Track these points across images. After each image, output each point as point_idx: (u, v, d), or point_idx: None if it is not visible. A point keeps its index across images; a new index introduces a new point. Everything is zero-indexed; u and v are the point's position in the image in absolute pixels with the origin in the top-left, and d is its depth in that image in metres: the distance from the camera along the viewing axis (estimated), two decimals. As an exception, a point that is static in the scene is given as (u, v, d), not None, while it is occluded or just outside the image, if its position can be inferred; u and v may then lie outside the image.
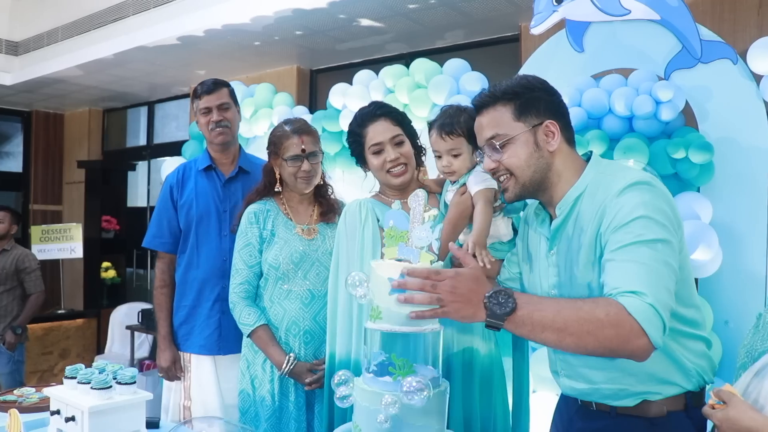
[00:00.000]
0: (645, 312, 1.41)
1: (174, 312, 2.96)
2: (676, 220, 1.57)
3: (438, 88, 3.58)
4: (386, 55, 5.43)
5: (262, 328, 2.50)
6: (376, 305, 1.54)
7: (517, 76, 1.75)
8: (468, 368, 2.09)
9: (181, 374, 2.92)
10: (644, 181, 1.57)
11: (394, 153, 2.18)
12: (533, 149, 1.68)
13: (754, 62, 2.93)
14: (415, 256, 1.56)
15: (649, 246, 1.48)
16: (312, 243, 2.56)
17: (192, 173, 2.99)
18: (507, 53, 4.90)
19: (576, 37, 3.34)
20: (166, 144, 7.34)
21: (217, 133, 2.91)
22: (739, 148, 3.02)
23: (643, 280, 1.45)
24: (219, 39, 5.13)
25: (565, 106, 1.75)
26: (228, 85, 3.01)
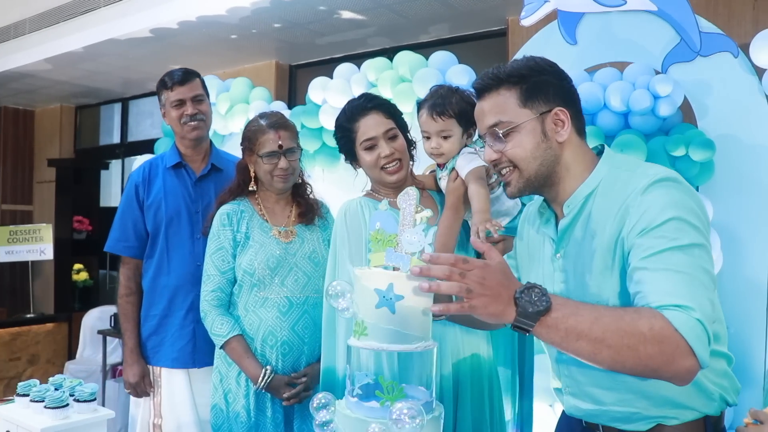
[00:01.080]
0: (693, 328, 1.24)
1: (142, 322, 2.75)
2: (707, 221, 1.39)
3: (423, 82, 3.40)
4: (368, 49, 5.26)
5: (235, 339, 2.33)
6: (361, 320, 1.35)
7: (523, 57, 1.57)
8: (477, 375, 1.97)
9: (151, 390, 2.71)
10: (670, 177, 1.40)
11: (388, 148, 2.04)
12: (540, 139, 1.51)
13: (757, 55, 2.78)
14: (405, 264, 1.37)
15: (686, 252, 1.31)
16: (290, 246, 2.39)
17: (159, 171, 2.78)
18: (493, 48, 4.76)
19: (568, 28, 3.19)
20: (140, 142, 7.12)
21: (192, 127, 2.71)
22: (741, 145, 2.88)
23: (686, 292, 1.28)
24: (194, 32, 4.93)
25: (576, 92, 1.57)
26: (199, 75, 2.81)
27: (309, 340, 2.35)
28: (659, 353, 1.24)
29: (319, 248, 2.44)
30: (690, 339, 1.24)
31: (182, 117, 2.70)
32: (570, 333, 1.27)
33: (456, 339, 1.97)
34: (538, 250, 1.67)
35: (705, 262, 1.33)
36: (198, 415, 2.66)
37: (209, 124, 2.82)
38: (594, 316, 1.29)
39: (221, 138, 4.40)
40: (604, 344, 1.26)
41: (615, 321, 1.27)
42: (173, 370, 2.69)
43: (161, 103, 2.78)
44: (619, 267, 1.42)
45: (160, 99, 2.78)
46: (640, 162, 1.55)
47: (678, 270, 1.30)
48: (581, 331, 1.27)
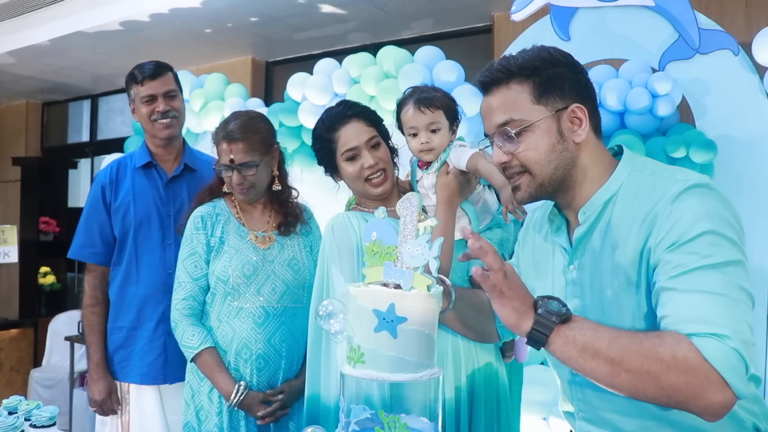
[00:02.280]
0: (729, 359, 1.11)
1: (108, 334, 2.55)
2: (742, 232, 1.24)
3: (409, 78, 3.25)
4: (348, 45, 5.09)
5: (207, 352, 2.16)
6: (357, 345, 1.18)
7: (534, 47, 1.40)
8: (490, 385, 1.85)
9: (118, 407, 2.52)
10: (703, 183, 1.25)
11: (371, 158, 1.91)
12: (556, 140, 1.35)
13: (759, 53, 2.68)
14: (407, 280, 1.20)
15: (721, 271, 1.17)
16: (267, 253, 2.22)
17: (128, 171, 2.58)
18: (478, 45, 4.63)
19: (561, 24, 3.06)
20: (110, 140, 6.83)
21: (164, 125, 2.51)
22: (740, 146, 2.79)
23: (721, 317, 1.14)
24: (166, 25, 4.72)
25: (592, 87, 1.42)
26: (172, 69, 2.61)
27: (287, 353, 2.19)
28: (685, 384, 1.13)
29: (300, 255, 2.27)
30: (723, 370, 1.11)
31: (153, 114, 2.51)
32: (586, 349, 1.18)
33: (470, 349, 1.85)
34: (546, 260, 1.52)
35: (742, 280, 1.18)
36: None
37: (182, 122, 2.64)
38: (614, 335, 1.19)
39: (195, 136, 4.22)
40: (623, 367, 1.16)
41: (635, 343, 1.16)
42: (143, 387, 2.51)
43: (130, 98, 2.58)
44: (645, 284, 1.28)
45: (130, 94, 2.58)
46: (665, 165, 1.40)
47: (712, 292, 1.16)
48: (598, 348, 1.17)
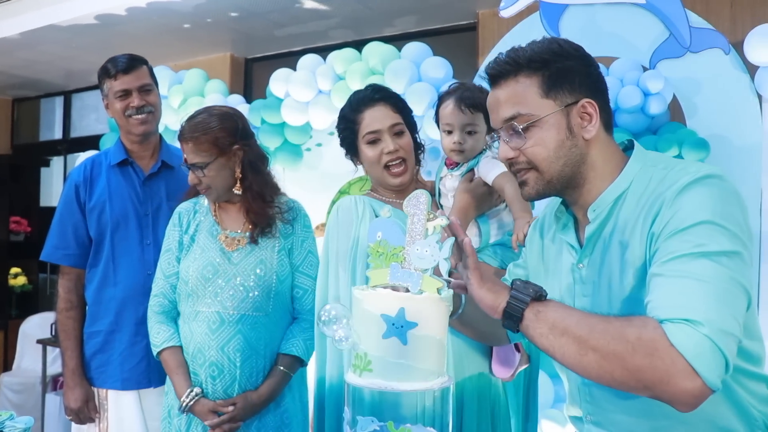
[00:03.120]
0: (698, 346, 1.07)
1: (85, 339, 2.45)
2: (747, 229, 1.19)
3: (396, 75, 3.19)
4: (330, 42, 5.00)
5: (168, 351, 2.10)
6: (364, 352, 1.10)
7: (544, 39, 1.35)
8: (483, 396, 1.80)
9: (96, 415, 2.42)
10: (715, 174, 1.20)
11: (393, 144, 1.87)
12: (565, 136, 1.31)
13: (752, 52, 2.66)
14: (416, 282, 1.13)
15: (712, 259, 1.12)
16: (233, 255, 2.11)
17: (103, 169, 2.48)
18: (462, 42, 4.58)
19: (551, 21, 3.02)
20: (84, 138, 6.70)
21: (139, 121, 2.42)
22: (731, 145, 2.76)
23: (699, 303, 1.09)
24: (143, 19, 4.60)
25: (604, 81, 1.36)
26: (147, 62, 2.51)
27: (242, 364, 2.07)
28: (650, 367, 1.09)
29: (270, 259, 2.14)
30: (690, 357, 1.07)
31: (127, 109, 2.41)
32: (556, 326, 1.18)
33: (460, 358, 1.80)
34: (555, 260, 1.47)
35: (734, 271, 1.13)
36: None
37: (158, 117, 2.54)
38: (585, 314, 1.20)
39: (173, 134, 4.09)
40: (589, 345, 1.14)
41: (603, 323, 1.16)
42: (122, 392, 2.41)
43: (103, 93, 2.48)
44: None
45: (102, 89, 2.48)
46: (679, 160, 1.35)
47: (696, 278, 1.12)
48: (567, 325, 1.17)
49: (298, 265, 2.19)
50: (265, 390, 2.08)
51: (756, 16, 3.30)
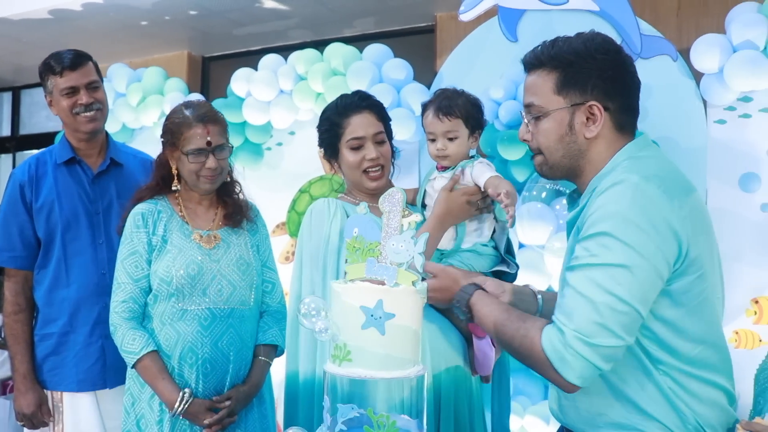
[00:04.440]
0: (558, 350, 1.29)
1: (36, 342, 2.40)
2: (652, 235, 1.29)
3: (358, 75, 3.24)
4: (289, 42, 5.04)
5: (149, 357, 2.05)
6: (343, 343, 1.16)
7: (582, 35, 1.47)
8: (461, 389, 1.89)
9: (50, 419, 2.38)
10: (627, 182, 1.32)
11: (375, 151, 1.97)
12: (566, 131, 1.46)
13: (697, 60, 2.79)
14: (392, 275, 1.19)
15: (600, 270, 1.28)
16: (213, 252, 2.13)
17: (49, 168, 2.43)
18: (421, 44, 4.67)
19: (509, 25, 3.10)
20: (34, 135, 6.61)
21: (88, 118, 2.38)
22: (679, 147, 2.89)
23: (572, 312, 1.29)
24: (99, 15, 4.57)
25: (629, 85, 1.47)
26: (92, 58, 2.47)
27: (235, 357, 2.11)
28: (532, 361, 1.35)
29: (247, 254, 2.21)
30: (551, 357, 1.29)
31: (75, 107, 2.37)
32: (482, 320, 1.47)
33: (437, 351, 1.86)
34: None
35: (614, 284, 1.27)
36: None
37: (106, 114, 2.51)
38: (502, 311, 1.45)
39: (131, 132, 4.09)
40: (501, 338, 1.43)
41: (513, 321, 1.40)
42: (78, 394, 2.37)
43: (47, 90, 2.43)
44: None
45: (46, 86, 2.43)
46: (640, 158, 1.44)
47: (578, 290, 1.30)
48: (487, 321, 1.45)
49: (265, 261, 2.26)
50: (254, 381, 2.14)
51: (700, 25, 3.47)
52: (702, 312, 1.37)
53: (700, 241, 1.34)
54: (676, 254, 1.30)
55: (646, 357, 1.36)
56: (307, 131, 3.47)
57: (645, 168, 1.37)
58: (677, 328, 1.34)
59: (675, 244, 1.29)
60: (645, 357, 1.36)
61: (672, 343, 1.35)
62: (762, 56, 2.61)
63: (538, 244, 2.92)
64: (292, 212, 3.67)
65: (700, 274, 1.34)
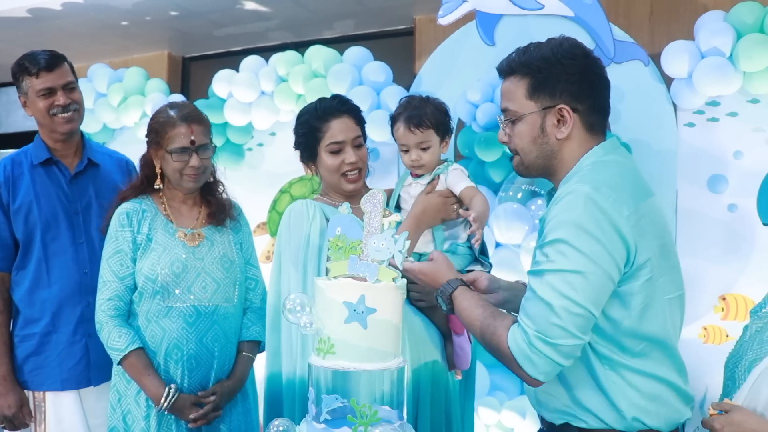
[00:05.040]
0: (522, 349, 1.39)
1: (16, 343, 2.42)
2: (607, 242, 1.38)
3: (338, 78, 3.30)
4: (269, 44, 5.05)
5: (135, 353, 2.10)
6: (327, 336, 1.22)
7: (551, 41, 1.56)
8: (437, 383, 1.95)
9: (31, 420, 2.39)
10: (579, 192, 1.41)
11: (354, 155, 2.03)
12: (538, 133, 1.55)
13: (667, 65, 2.88)
14: (373, 272, 1.25)
15: (557, 276, 1.38)
16: (197, 250, 2.19)
17: (25, 169, 2.44)
18: (400, 47, 4.71)
19: (487, 30, 3.17)
20: (11, 134, 6.51)
21: (66, 119, 2.40)
22: (650, 150, 2.97)
23: (533, 314, 1.39)
24: (79, 15, 4.53)
25: (597, 87, 1.56)
26: (67, 59, 2.49)
27: (219, 353, 2.17)
28: (502, 359, 1.44)
29: (230, 252, 2.27)
30: (515, 355, 1.40)
31: (52, 108, 2.39)
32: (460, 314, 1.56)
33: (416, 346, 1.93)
34: None
35: (570, 289, 1.36)
36: None
37: (83, 115, 2.52)
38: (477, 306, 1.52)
39: (112, 132, 4.11)
40: (474, 334, 1.53)
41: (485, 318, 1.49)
42: (61, 393, 2.39)
43: (21, 91, 2.44)
44: None
45: (21, 86, 2.43)
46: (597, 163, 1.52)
47: (538, 293, 1.39)
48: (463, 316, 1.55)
49: (248, 258, 2.33)
50: (238, 376, 2.21)
51: (671, 31, 3.56)
52: (649, 312, 1.45)
53: (651, 245, 1.43)
54: (625, 259, 1.39)
55: (593, 352, 1.46)
56: (287, 132, 3.43)
57: (600, 177, 1.45)
58: (624, 327, 1.44)
59: (624, 250, 1.39)
60: (592, 352, 1.46)
61: (619, 339, 1.44)
62: (728, 63, 2.70)
63: (514, 243, 2.99)
64: (272, 212, 3.72)
65: (649, 277, 1.43)
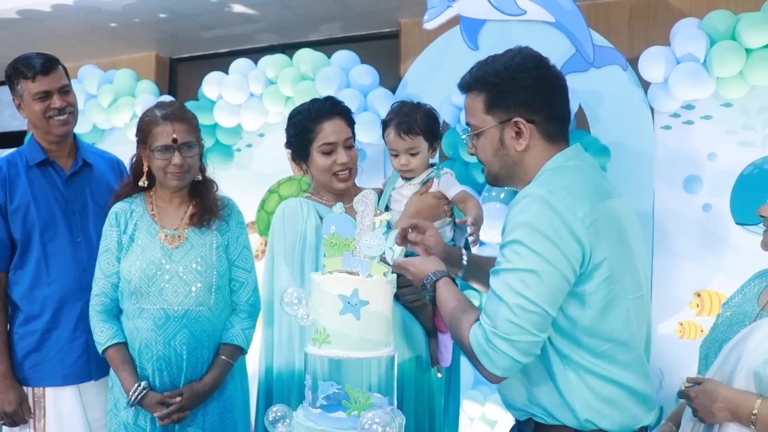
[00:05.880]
0: (481, 345, 1.43)
1: (15, 341, 2.45)
2: (561, 243, 1.42)
3: (327, 81, 3.38)
4: (257, 45, 5.11)
5: (114, 348, 2.19)
6: (323, 327, 1.30)
7: (504, 56, 1.59)
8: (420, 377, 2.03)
9: (30, 416, 2.43)
10: (535, 194, 1.46)
11: (345, 156, 2.09)
12: (498, 146, 1.59)
13: (644, 70, 2.98)
14: (365, 268, 1.34)
15: (512, 274, 1.43)
16: (174, 253, 2.22)
17: (21, 170, 2.47)
18: (386, 49, 4.78)
19: (470, 34, 3.27)
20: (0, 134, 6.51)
21: (61, 122, 2.43)
22: (628, 151, 3.07)
23: (490, 311, 1.44)
24: (69, 17, 4.56)
25: (552, 97, 1.59)
26: (61, 62, 2.52)
27: (188, 356, 2.20)
28: (466, 354, 1.49)
29: (209, 256, 2.27)
30: (475, 350, 1.44)
31: (48, 110, 2.42)
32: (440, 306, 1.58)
33: (401, 342, 2.00)
34: None
35: (524, 287, 1.41)
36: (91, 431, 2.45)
37: (77, 117, 2.56)
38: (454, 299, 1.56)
39: (101, 132, 4.16)
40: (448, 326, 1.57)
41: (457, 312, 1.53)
42: (61, 388, 2.43)
43: (16, 93, 2.46)
44: None
45: (15, 89, 2.46)
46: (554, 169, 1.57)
47: (496, 291, 1.44)
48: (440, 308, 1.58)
49: (234, 260, 2.31)
50: (210, 379, 2.21)
51: (650, 36, 3.66)
52: (610, 312, 1.48)
53: (608, 246, 1.46)
54: (580, 259, 1.43)
55: (554, 350, 1.49)
56: (276, 133, 3.57)
57: (558, 180, 1.50)
58: (584, 327, 1.47)
59: (579, 250, 1.42)
60: (552, 350, 1.49)
61: (577, 337, 1.47)
62: (702, 68, 2.81)
63: (497, 242, 3.09)
64: (261, 212, 3.78)
65: (607, 276, 1.45)
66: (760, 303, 1.70)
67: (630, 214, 1.61)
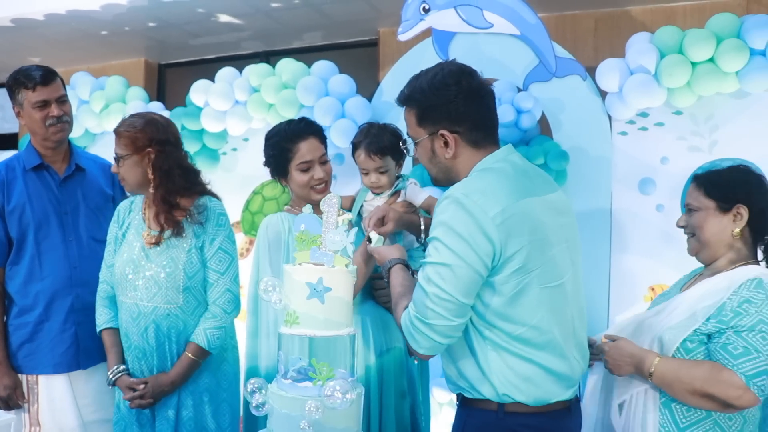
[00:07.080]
0: (407, 327, 1.64)
1: (11, 331, 2.63)
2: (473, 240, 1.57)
3: (307, 90, 3.55)
4: (242, 52, 5.30)
5: (106, 332, 2.42)
6: (293, 310, 1.52)
7: (428, 73, 1.74)
8: (399, 367, 2.21)
9: (24, 401, 2.62)
10: (453, 197, 1.61)
11: (321, 171, 2.27)
12: (431, 155, 1.76)
13: (602, 80, 3.18)
14: (329, 260, 1.56)
15: (431, 267, 1.60)
16: (151, 252, 2.35)
17: (18, 173, 2.65)
18: (365, 57, 4.96)
19: (442, 45, 3.45)
20: (-11, 137, 6.63)
21: (58, 129, 2.61)
22: (587, 156, 3.26)
23: (416, 298, 1.63)
24: (61, 25, 4.73)
25: (474, 107, 1.71)
26: (58, 74, 2.70)
27: (158, 349, 2.33)
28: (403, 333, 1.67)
29: (180, 257, 2.33)
30: (405, 332, 1.65)
31: (47, 119, 2.59)
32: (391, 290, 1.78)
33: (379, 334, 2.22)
34: None
35: (439, 278, 1.58)
36: (81, 418, 2.63)
37: (72, 124, 2.73)
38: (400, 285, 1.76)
39: (93, 136, 4.29)
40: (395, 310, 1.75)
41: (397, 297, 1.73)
42: (53, 376, 2.61)
43: (17, 101, 2.63)
44: None
45: (15, 97, 2.62)
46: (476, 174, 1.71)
47: (420, 282, 1.62)
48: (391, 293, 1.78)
49: (207, 261, 2.36)
50: (173, 373, 2.30)
51: (613, 46, 3.81)
52: (521, 299, 1.62)
53: (520, 240, 1.59)
54: (491, 255, 1.58)
55: (476, 332, 1.65)
56: (259, 138, 3.58)
57: (475, 183, 1.65)
58: (496, 311, 1.62)
59: (489, 247, 1.57)
60: (475, 332, 1.65)
61: (494, 322, 1.62)
62: (653, 79, 3.01)
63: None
64: (246, 212, 3.97)
65: (518, 268, 1.59)
66: (683, 291, 1.93)
67: (553, 211, 1.70)
